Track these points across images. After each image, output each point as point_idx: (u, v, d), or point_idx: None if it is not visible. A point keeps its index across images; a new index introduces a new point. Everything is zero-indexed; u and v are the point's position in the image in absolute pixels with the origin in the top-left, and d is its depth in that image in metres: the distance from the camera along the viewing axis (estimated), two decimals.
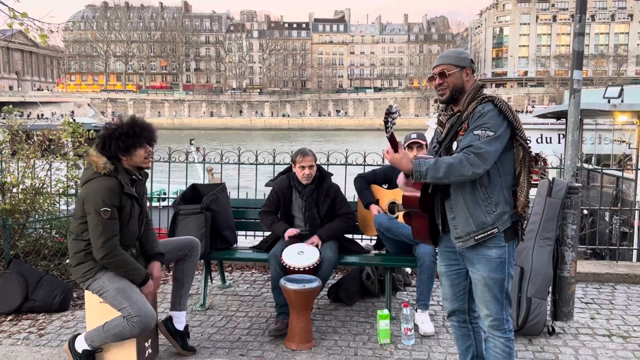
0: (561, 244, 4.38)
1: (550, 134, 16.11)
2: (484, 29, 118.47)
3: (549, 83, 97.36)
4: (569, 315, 4.45)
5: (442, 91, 2.90)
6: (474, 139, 2.69)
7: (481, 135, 2.70)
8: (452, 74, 2.88)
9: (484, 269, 2.83)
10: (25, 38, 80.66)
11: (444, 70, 2.89)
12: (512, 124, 2.75)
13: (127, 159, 3.49)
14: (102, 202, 3.31)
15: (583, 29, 4.54)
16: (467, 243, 2.82)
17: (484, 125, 2.71)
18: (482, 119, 2.72)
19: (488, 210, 2.78)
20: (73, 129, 6.35)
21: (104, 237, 3.33)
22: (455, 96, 2.90)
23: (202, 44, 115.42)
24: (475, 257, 2.85)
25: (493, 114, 2.74)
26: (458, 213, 2.84)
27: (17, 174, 6.01)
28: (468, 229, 2.81)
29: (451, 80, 2.88)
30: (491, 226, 2.78)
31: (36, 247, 5.35)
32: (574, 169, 4.65)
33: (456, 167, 2.68)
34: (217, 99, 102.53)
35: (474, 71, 2.96)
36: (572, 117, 4.58)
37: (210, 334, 4.26)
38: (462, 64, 2.89)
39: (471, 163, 2.67)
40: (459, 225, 2.84)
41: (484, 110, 2.75)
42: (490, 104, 2.77)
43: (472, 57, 3.04)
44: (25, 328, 4.38)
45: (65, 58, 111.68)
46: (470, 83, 2.91)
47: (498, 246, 2.80)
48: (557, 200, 4.29)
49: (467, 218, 2.80)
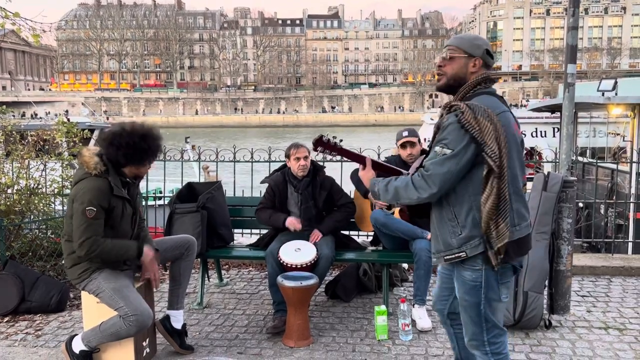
0: (557, 237, 4.39)
1: (544, 127, 16.18)
2: (477, 23, 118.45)
3: (543, 77, 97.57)
4: (566, 309, 4.46)
5: (439, 76, 2.57)
6: (431, 157, 2.45)
7: (438, 153, 2.42)
8: (455, 58, 2.51)
9: (460, 289, 2.60)
10: (17, 37, 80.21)
11: (448, 50, 2.54)
12: (476, 139, 2.36)
13: (135, 168, 3.48)
14: (89, 202, 3.29)
15: (576, 23, 4.55)
16: (439, 261, 2.62)
17: (443, 141, 2.41)
18: (443, 132, 2.42)
19: (454, 232, 2.50)
20: (67, 128, 6.33)
21: (85, 236, 3.31)
22: (454, 86, 2.55)
23: (196, 42, 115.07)
24: (455, 274, 2.62)
25: (453, 127, 2.39)
26: (432, 229, 2.65)
27: (11, 174, 5.99)
28: (437, 247, 2.61)
29: (452, 65, 2.52)
30: (457, 249, 2.50)
31: (32, 247, 5.33)
32: (569, 162, 4.66)
33: (402, 192, 2.51)
34: (211, 97, 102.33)
35: (488, 66, 2.55)
36: (566, 110, 4.59)
37: (208, 333, 4.26)
38: (472, 52, 2.50)
39: (417, 186, 2.45)
40: (433, 240, 2.66)
41: (447, 122, 2.42)
42: (453, 115, 2.42)
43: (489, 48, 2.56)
44: (23, 329, 4.37)
45: (59, 57, 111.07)
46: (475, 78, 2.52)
47: (473, 269, 2.51)
48: (553, 194, 4.30)
49: (436, 236, 2.60)
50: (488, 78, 2.52)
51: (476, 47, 2.50)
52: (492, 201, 2.38)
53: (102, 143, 3.44)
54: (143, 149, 3.43)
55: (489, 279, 2.51)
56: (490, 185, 2.39)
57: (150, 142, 3.46)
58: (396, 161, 4.57)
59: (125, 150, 3.37)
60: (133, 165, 3.48)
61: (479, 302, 2.54)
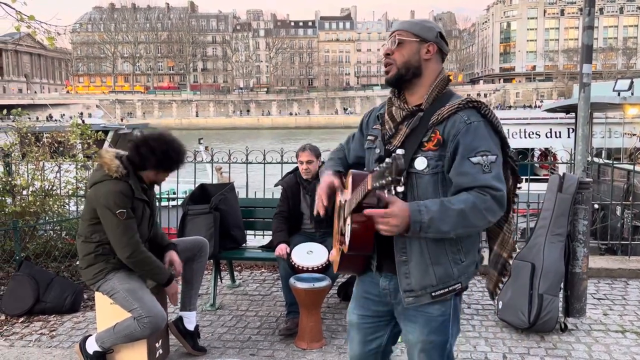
0: (573, 239, 4.34)
1: (559, 128, 16.01)
2: (491, 24, 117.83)
3: (558, 77, 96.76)
4: (582, 312, 4.41)
5: (388, 67, 2.11)
6: (476, 171, 1.92)
7: (484, 165, 1.93)
8: (405, 43, 2.08)
9: (422, 329, 2.11)
10: (33, 41, 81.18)
11: (396, 35, 2.10)
12: (504, 140, 2.05)
13: (154, 175, 3.50)
14: (116, 205, 3.29)
15: (592, 22, 4.50)
16: (420, 300, 2.06)
17: (480, 149, 1.94)
18: (475, 137, 1.95)
19: (456, 260, 2.05)
20: (81, 130, 6.38)
21: (127, 236, 3.33)
22: (406, 78, 2.09)
23: (209, 44, 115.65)
24: (411, 313, 2.12)
25: (487, 129, 1.99)
26: (414, 258, 2.04)
27: (27, 176, 6.04)
28: (426, 282, 2.04)
29: (402, 52, 2.08)
30: (455, 280, 2.06)
31: (46, 248, 5.37)
32: (585, 163, 4.60)
33: (470, 215, 1.89)
34: (224, 99, 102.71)
35: (443, 53, 2.13)
36: (582, 111, 4.53)
37: (221, 334, 4.26)
38: (424, 35, 2.08)
39: (486, 208, 1.91)
40: (414, 274, 2.05)
41: (471, 121, 1.97)
42: (475, 112, 2.00)
43: (442, 31, 2.14)
44: (37, 329, 4.41)
45: (73, 60, 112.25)
46: (433, 68, 2.10)
47: (444, 301, 2.08)
48: (568, 196, 4.25)
49: (426, 267, 2.03)
50: (449, 78, 2.17)
51: (428, 29, 2.09)
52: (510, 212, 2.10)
53: (132, 144, 3.45)
54: (173, 159, 3.46)
55: (457, 309, 2.15)
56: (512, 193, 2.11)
57: (180, 156, 3.50)
58: None
59: (158, 155, 3.39)
60: (160, 171, 3.48)
61: (446, 340, 2.14)
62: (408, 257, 2.04)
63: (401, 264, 2.06)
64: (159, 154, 3.40)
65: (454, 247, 2.03)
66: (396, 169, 1.63)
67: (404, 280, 2.07)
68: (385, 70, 2.12)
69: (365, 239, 2.00)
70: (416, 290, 2.05)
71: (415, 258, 2.04)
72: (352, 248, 2.03)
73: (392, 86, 2.14)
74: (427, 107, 2.06)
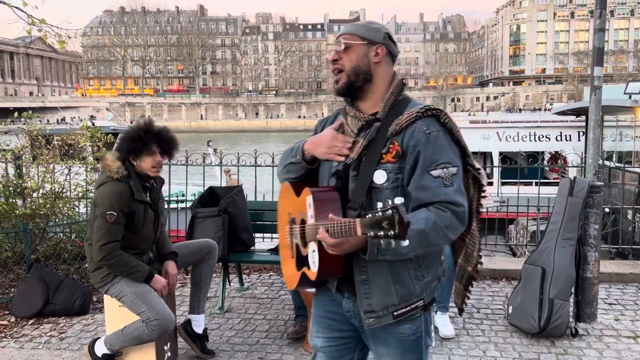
0: (583, 244, 4.31)
1: (569, 131, 15.93)
2: (500, 26, 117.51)
3: (568, 80, 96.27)
4: (593, 317, 4.37)
5: (337, 75, 1.97)
6: (436, 185, 1.81)
7: (445, 178, 1.82)
8: (352, 47, 1.95)
9: (395, 352, 2.00)
10: (44, 44, 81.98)
11: (342, 40, 1.97)
12: (464, 150, 1.93)
13: (137, 163, 3.51)
14: (109, 206, 3.33)
15: (603, 25, 4.46)
16: (382, 321, 1.94)
17: (441, 161, 1.84)
18: (435, 149, 1.84)
19: (417, 276, 1.94)
20: (91, 133, 6.41)
21: (104, 240, 3.34)
22: (357, 84, 1.95)
23: (218, 47, 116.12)
24: (382, 336, 2.00)
25: (446, 139, 1.88)
26: (375, 277, 1.92)
27: (37, 178, 6.08)
28: (387, 302, 1.93)
29: (350, 56, 1.95)
30: (417, 297, 1.95)
31: (56, 251, 5.40)
32: (596, 167, 4.56)
33: (430, 235, 1.78)
34: (233, 102, 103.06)
35: (393, 55, 2.00)
36: (593, 114, 4.50)
37: (229, 337, 4.25)
38: (372, 37, 1.95)
39: (447, 226, 1.80)
40: (374, 294, 1.93)
41: (431, 131, 1.86)
42: (434, 120, 1.89)
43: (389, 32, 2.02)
44: (47, 332, 4.42)
45: (84, 63, 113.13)
46: (384, 71, 1.98)
47: (413, 318, 1.97)
48: (579, 200, 4.22)
49: (388, 285, 1.92)
50: (405, 83, 2.03)
51: (374, 31, 1.96)
52: (477, 222, 2.02)
53: (115, 147, 3.54)
54: (142, 137, 3.46)
55: (427, 323, 2.05)
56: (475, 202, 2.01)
57: (149, 128, 3.50)
58: None
59: (129, 143, 3.44)
60: (142, 154, 3.46)
61: (420, 358, 2.04)
62: (369, 276, 1.93)
63: (361, 283, 1.94)
64: (132, 140, 3.44)
65: (415, 264, 1.93)
66: (400, 224, 1.54)
67: (364, 301, 1.95)
68: (335, 79, 1.99)
69: (336, 263, 1.90)
70: (377, 310, 1.94)
71: (376, 277, 1.92)
72: (321, 274, 1.90)
73: (344, 96, 2.00)
74: (384, 116, 1.93)
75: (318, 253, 1.86)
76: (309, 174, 2.07)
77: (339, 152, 1.95)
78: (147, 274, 3.49)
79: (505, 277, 5.57)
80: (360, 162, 1.92)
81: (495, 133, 16.51)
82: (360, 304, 1.96)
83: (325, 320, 2.12)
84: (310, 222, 1.89)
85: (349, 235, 1.71)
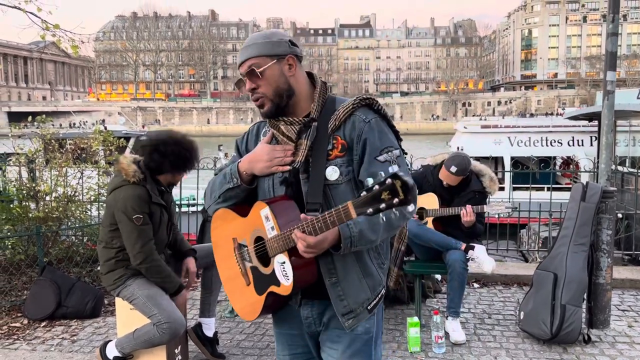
0: (596, 249, 4.27)
1: (581, 136, 15.83)
2: (512, 31, 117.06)
3: (580, 85, 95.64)
4: (605, 323, 4.33)
5: (260, 101, 1.91)
6: (385, 169, 1.80)
7: (392, 161, 1.84)
8: (265, 71, 1.88)
9: (345, 351, 1.94)
10: (57, 49, 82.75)
11: (252, 67, 1.88)
12: (398, 133, 1.98)
13: (171, 176, 3.53)
14: (132, 210, 3.34)
15: (616, 29, 4.44)
16: (360, 318, 1.91)
17: (384, 146, 1.86)
18: (378, 135, 1.87)
19: (380, 264, 1.96)
20: (104, 137, 6.46)
21: (140, 242, 3.36)
22: (283, 104, 1.91)
23: (229, 52, 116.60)
24: (335, 333, 1.95)
25: (383, 124, 1.92)
26: (346, 274, 1.88)
27: (50, 182, 6.13)
28: (362, 297, 1.90)
29: (267, 81, 1.88)
30: (381, 285, 1.96)
31: (68, 254, 5.44)
32: (609, 172, 4.53)
33: (392, 218, 1.73)
34: (244, 106, 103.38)
35: (300, 58, 1.96)
36: (606, 119, 4.47)
37: (239, 341, 4.26)
38: (278, 52, 1.89)
39: None
40: (349, 293, 1.89)
41: (369, 119, 1.88)
42: (368, 109, 1.91)
43: (289, 37, 1.97)
44: (59, 334, 4.45)
45: (96, 68, 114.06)
46: (301, 78, 1.95)
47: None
48: (592, 205, 4.19)
49: (359, 280, 1.90)
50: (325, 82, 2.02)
51: (278, 44, 1.90)
52: None
53: (145, 150, 3.47)
54: (187, 158, 3.49)
55: (379, 323, 2.02)
56: None
57: (193, 153, 3.52)
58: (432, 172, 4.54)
59: (171, 159, 3.43)
60: (176, 172, 3.52)
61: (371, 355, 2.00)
62: (339, 276, 1.88)
63: (332, 286, 1.88)
64: (172, 156, 3.43)
65: (376, 252, 1.94)
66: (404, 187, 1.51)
67: (339, 304, 1.88)
68: (258, 105, 1.92)
69: (311, 266, 1.85)
70: (355, 309, 1.90)
71: (347, 275, 1.88)
72: (298, 284, 1.82)
73: (273, 117, 1.93)
74: (319, 115, 1.92)
75: (290, 262, 1.80)
76: (247, 195, 2.01)
77: (281, 163, 1.91)
78: (177, 287, 3.53)
79: (517, 282, 5.53)
80: (308, 163, 1.89)
81: (506, 138, 16.43)
82: (336, 308, 1.90)
83: (290, 337, 2.06)
84: (273, 234, 1.83)
85: (337, 224, 1.67)
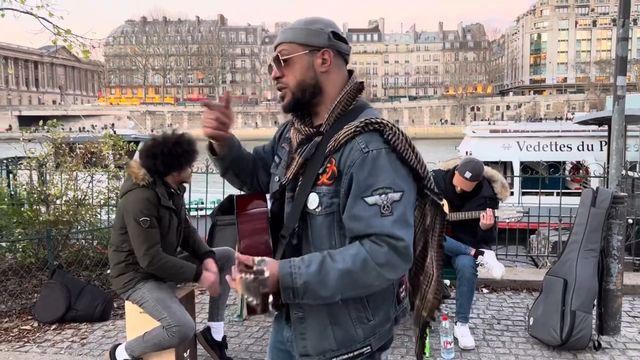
0: (606, 255, 4.25)
1: (591, 141, 15.76)
2: (521, 35, 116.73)
3: (590, 89, 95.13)
4: (616, 330, 4.30)
5: (283, 91, 1.71)
6: (371, 215, 1.52)
7: (383, 206, 1.52)
8: (294, 59, 1.66)
9: None
10: (68, 54, 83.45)
11: (281, 54, 1.68)
12: (416, 171, 1.61)
13: (177, 174, 3.54)
14: (140, 212, 3.36)
15: (626, 34, 4.43)
16: None
17: (378, 185, 1.53)
18: (372, 170, 1.54)
19: (360, 318, 1.65)
20: (114, 141, 6.50)
21: (146, 245, 3.37)
22: (304, 101, 1.68)
23: (238, 56, 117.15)
24: None
25: (388, 158, 1.56)
26: (310, 315, 1.67)
27: (60, 186, 6.17)
28: (323, 346, 1.66)
29: (293, 71, 1.67)
30: (361, 343, 1.65)
31: (78, 257, 5.47)
32: (619, 177, 4.51)
33: (359, 276, 1.50)
34: (252, 110, 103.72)
35: (343, 55, 1.70)
36: (616, 124, 4.45)
37: (248, 345, 4.26)
38: (313, 42, 1.65)
39: (382, 263, 1.50)
40: (310, 335, 1.68)
41: (370, 149, 1.55)
42: (377, 136, 1.57)
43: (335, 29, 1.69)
44: (68, 337, 4.48)
45: (106, 72, 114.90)
46: (335, 77, 1.68)
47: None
48: (602, 211, 4.16)
49: (324, 327, 1.65)
50: (361, 86, 1.71)
51: (317, 33, 1.65)
52: (437, 256, 1.73)
53: (141, 156, 3.53)
54: (178, 154, 3.48)
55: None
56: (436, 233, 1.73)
57: (184, 146, 3.50)
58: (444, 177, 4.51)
59: (162, 159, 3.44)
60: (174, 171, 3.53)
61: None
62: (305, 313, 1.66)
63: (297, 321, 1.69)
64: (164, 156, 3.43)
65: (358, 304, 1.63)
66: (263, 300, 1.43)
67: (299, 342, 1.70)
68: (280, 95, 1.72)
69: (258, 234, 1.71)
70: (313, 355, 1.68)
71: (312, 315, 1.65)
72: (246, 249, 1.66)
73: (292, 112, 1.74)
74: (328, 129, 1.65)
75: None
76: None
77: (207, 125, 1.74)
78: (195, 271, 3.52)
79: (526, 288, 5.51)
80: (297, 182, 1.67)
81: (515, 142, 16.40)
82: (296, 346, 1.72)
83: (276, 351, 1.91)
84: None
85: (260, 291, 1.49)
